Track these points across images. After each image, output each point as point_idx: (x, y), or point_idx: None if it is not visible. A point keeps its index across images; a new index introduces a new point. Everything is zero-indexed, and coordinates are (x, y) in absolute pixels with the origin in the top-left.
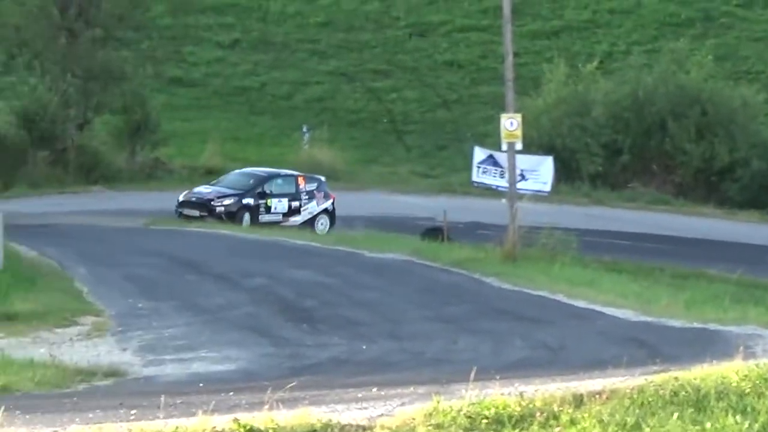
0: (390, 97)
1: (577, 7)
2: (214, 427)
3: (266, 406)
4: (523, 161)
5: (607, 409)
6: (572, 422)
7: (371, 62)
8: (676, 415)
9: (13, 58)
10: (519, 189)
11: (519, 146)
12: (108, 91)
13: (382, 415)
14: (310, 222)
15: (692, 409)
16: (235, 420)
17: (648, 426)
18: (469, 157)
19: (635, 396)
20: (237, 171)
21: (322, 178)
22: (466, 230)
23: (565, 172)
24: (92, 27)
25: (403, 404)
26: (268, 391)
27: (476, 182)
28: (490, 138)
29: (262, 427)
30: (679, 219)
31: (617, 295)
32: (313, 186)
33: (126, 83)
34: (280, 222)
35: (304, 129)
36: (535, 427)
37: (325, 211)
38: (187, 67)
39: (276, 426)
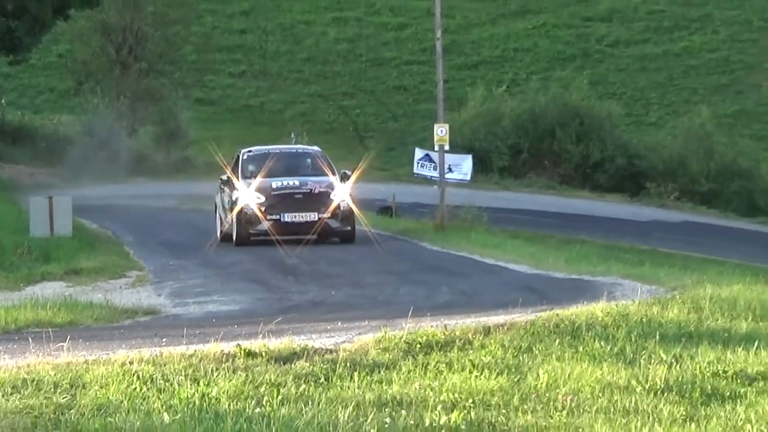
0: (355, 112)
1: (491, 47)
2: (222, 350)
3: (260, 336)
4: (450, 158)
5: (508, 337)
6: (482, 346)
7: (341, 87)
8: (557, 341)
9: (81, 85)
10: (447, 178)
11: (447, 147)
12: (150, 108)
13: (344, 341)
14: None
15: (569, 337)
16: (238, 345)
17: (537, 349)
18: (411, 155)
19: (528, 327)
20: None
21: None
22: (409, 208)
23: (480, 166)
24: (139, 61)
25: (360, 334)
26: (261, 325)
27: (416, 173)
28: (427, 141)
29: (257, 350)
30: (563, 200)
31: (517, 256)
32: None
33: (163, 103)
34: None
35: (292, 136)
36: (455, 350)
37: None
38: (208, 91)
39: (267, 349)
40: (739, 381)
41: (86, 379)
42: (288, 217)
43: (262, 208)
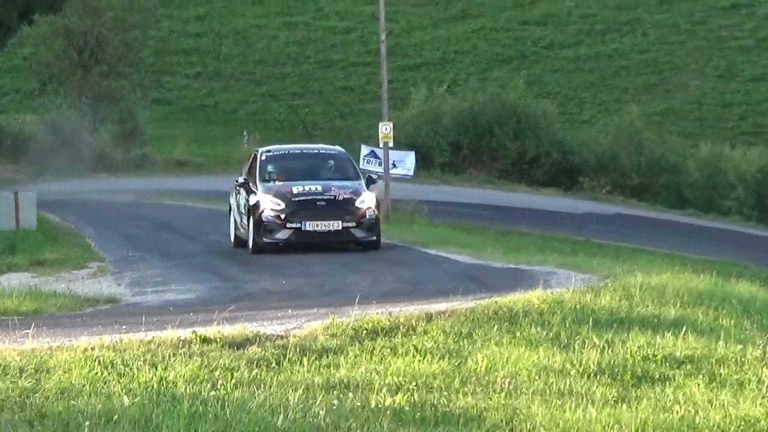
0: (304, 111)
1: (432, 49)
2: (179, 337)
3: (215, 323)
4: (394, 154)
5: (449, 323)
6: (425, 332)
7: (291, 87)
8: (496, 327)
9: (45, 86)
10: (391, 174)
11: (391, 144)
12: (110, 108)
13: (294, 328)
14: None
15: (507, 323)
16: (194, 332)
17: (477, 334)
18: (357, 152)
19: (468, 314)
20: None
21: None
22: None
23: (423, 162)
24: (100, 64)
25: (309, 321)
26: (216, 312)
27: (362, 169)
28: (372, 139)
29: (212, 337)
30: (501, 194)
31: (457, 246)
32: None
33: (122, 103)
34: None
35: (245, 133)
36: (399, 335)
37: None
38: (165, 92)
39: (221, 336)
40: (667, 364)
41: (50, 365)
42: (309, 226)
43: (282, 216)
